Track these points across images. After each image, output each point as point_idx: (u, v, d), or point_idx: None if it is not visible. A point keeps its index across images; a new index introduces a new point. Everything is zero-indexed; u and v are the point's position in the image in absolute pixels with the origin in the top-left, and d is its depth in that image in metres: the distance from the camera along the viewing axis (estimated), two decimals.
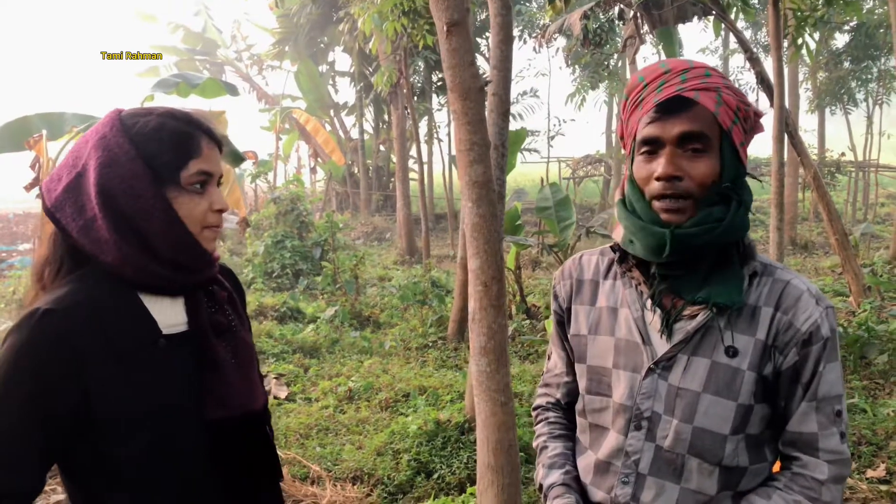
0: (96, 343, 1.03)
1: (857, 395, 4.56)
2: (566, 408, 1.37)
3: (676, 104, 1.07)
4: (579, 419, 1.28)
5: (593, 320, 1.24)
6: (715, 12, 6.88)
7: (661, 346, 1.14)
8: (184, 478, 1.11)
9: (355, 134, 18.42)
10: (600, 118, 20.86)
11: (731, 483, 1.12)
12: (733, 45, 18.33)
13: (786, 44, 6.50)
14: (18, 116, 5.99)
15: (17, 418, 0.99)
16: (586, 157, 18.57)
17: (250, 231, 10.21)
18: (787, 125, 6.00)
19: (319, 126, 14.95)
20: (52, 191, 1.11)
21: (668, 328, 1.13)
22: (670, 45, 10.68)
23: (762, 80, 6.61)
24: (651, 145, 1.10)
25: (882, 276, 7.70)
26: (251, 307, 7.35)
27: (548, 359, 1.41)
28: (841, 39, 15.33)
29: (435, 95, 16.47)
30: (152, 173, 1.08)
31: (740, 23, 8.68)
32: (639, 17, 7.69)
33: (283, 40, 16.95)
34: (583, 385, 1.25)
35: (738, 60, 19.06)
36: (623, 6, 7.87)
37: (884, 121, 17.32)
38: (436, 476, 3.61)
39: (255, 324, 6.89)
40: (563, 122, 19.56)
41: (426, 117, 17.07)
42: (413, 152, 14.54)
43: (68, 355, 1.01)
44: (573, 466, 1.28)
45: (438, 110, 17.95)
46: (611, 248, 1.25)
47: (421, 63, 14.28)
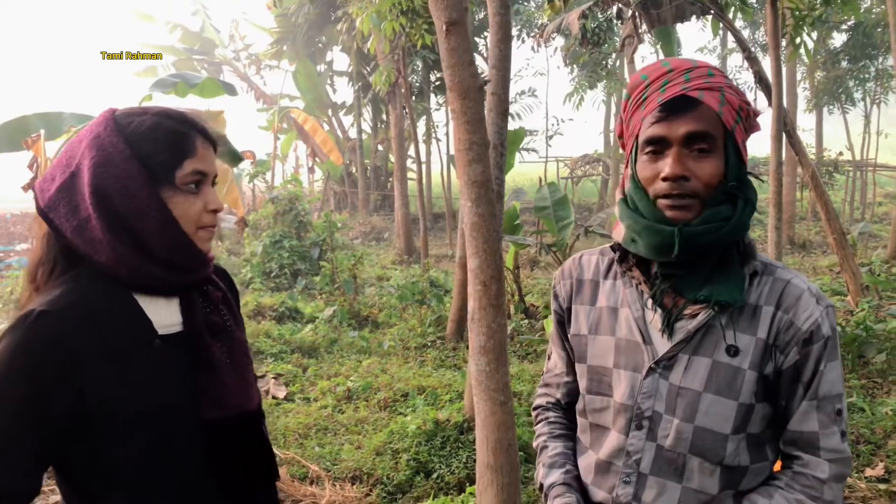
0: (91, 344, 1.03)
1: (856, 394, 4.56)
2: (566, 408, 1.37)
3: (681, 104, 1.07)
4: (580, 419, 1.28)
5: (594, 320, 1.23)
6: (713, 11, 6.88)
7: (662, 346, 1.14)
8: (180, 478, 1.11)
9: (353, 133, 18.39)
10: (598, 118, 20.83)
11: (733, 482, 1.12)
12: (731, 44, 18.33)
13: (784, 43, 6.48)
14: (16, 116, 5.98)
15: (13, 420, 0.99)
16: (584, 157, 18.59)
17: (248, 231, 10.20)
18: (786, 124, 5.99)
19: (317, 126, 14.95)
20: (46, 191, 1.10)
21: (669, 327, 1.13)
22: (668, 44, 10.67)
23: (760, 79, 6.61)
24: (656, 145, 1.09)
25: (880, 275, 7.71)
26: (249, 307, 7.34)
27: (548, 359, 1.41)
28: (839, 39, 15.39)
29: (433, 95, 16.47)
30: (147, 173, 1.08)
31: (738, 22, 8.69)
32: (637, 16, 7.69)
33: (281, 40, 16.92)
34: (583, 385, 1.24)
35: (736, 59, 19.03)
36: (621, 5, 7.87)
37: (881, 120, 17.33)
38: (435, 476, 3.61)
39: (254, 324, 6.88)
40: (561, 121, 19.55)
41: (424, 117, 17.07)
42: (411, 152, 14.56)
43: (63, 357, 1.00)
44: (574, 466, 1.28)
45: (437, 110, 17.95)
46: (611, 247, 1.25)
47: (419, 62, 14.25)
